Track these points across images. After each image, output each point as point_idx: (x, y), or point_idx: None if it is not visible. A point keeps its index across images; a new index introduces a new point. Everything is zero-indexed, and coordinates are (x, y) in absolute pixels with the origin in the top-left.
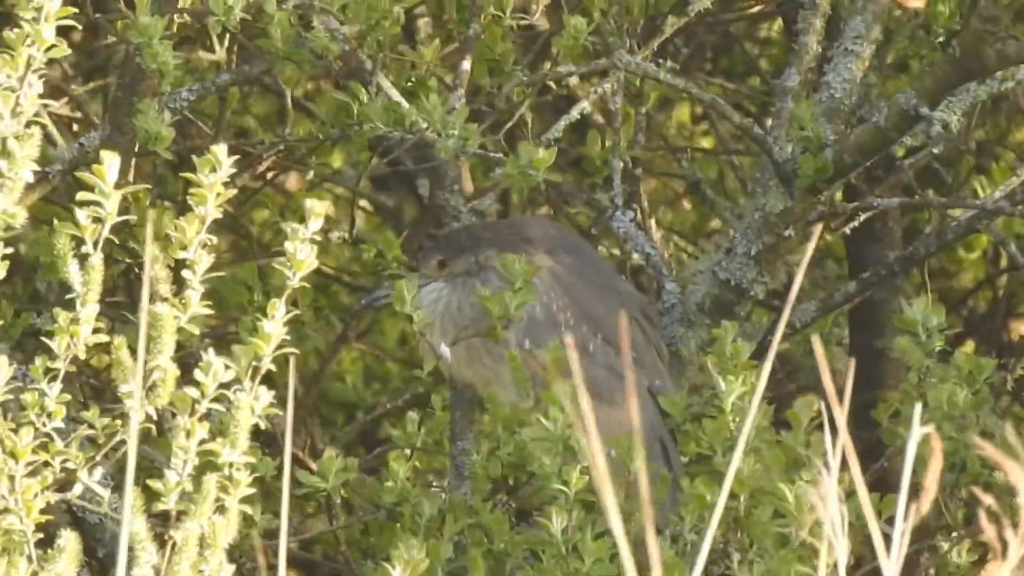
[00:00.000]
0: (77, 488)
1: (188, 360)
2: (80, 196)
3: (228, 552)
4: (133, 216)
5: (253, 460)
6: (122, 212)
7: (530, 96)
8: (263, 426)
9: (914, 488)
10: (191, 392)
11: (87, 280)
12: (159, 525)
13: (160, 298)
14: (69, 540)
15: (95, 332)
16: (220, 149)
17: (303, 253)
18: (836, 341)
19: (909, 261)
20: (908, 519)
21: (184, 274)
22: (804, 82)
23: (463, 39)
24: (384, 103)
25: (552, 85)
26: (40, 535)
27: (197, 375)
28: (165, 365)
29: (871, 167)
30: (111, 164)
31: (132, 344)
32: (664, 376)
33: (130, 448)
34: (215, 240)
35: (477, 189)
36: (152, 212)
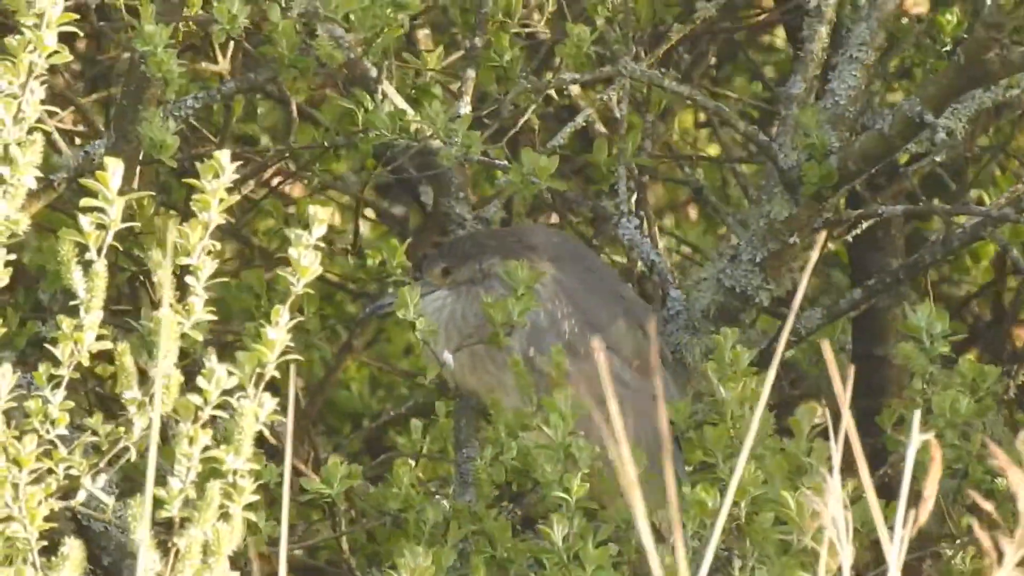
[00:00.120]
0: (81, 495)
1: (193, 369)
2: (83, 202)
3: (232, 559)
4: (137, 223)
5: (257, 467)
6: (127, 219)
7: (534, 103)
8: (267, 433)
9: (916, 495)
10: (194, 399)
11: (91, 287)
12: (163, 532)
13: (164, 304)
14: (73, 548)
15: (99, 339)
16: (223, 155)
17: (307, 259)
18: (840, 348)
19: (914, 268)
20: (908, 526)
21: (188, 280)
22: (809, 89)
23: (469, 46)
24: (389, 110)
25: (554, 95)
26: (44, 543)
27: (200, 382)
28: (169, 371)
29: (874, 174)
30: (115, 171)
31: (136, 351)
32: (668, 383)
33: (151, 454)
34: (219, 246)
35: (480, 198)
36: (158, 219)
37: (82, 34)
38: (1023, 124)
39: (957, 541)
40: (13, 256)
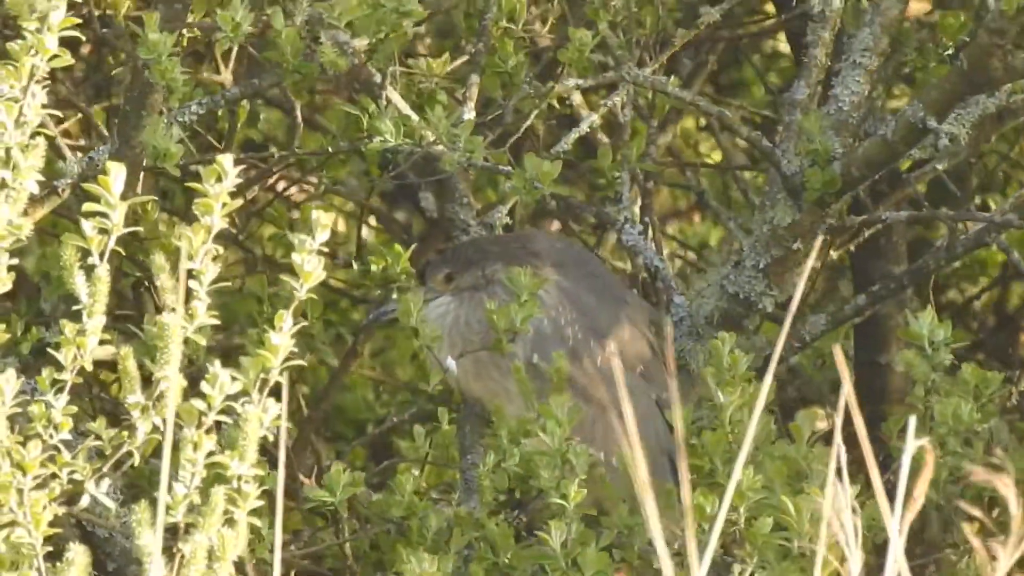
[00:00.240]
0: (84, 500)
1: (196, 375)
2: (86, 207)
3: (236, 565)
4: (141, 228)
5: (262, 472)
6: (130, 224)
7: (538, 108)
8: (271, 439)
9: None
10: (198, 404)
11: (93, 291)
12: (168, 538)
13: (167, 308)
14: (78, 553)
15: (102, 344)
16: (226, 159)
17: (310, 264)
18: (843, 355)
19: (918, 274)
20: (903, 531)
21: (191, 284)
22: (813, 95)
23: (473, 52)
24: (394, 116)
25: (557, 105)
26: (49, 548)
27: (204, 387)
28: (172, 376)
29: (877, 182)
30: (117, 175)
31: (139, 356)
32: (672, 389)
33: (164, 459)
34: (222, 250)
35: (485, 204)
36: (162, 225)
37: (85, 39)
38: None
39: (961, 548)
40: (16, 261)
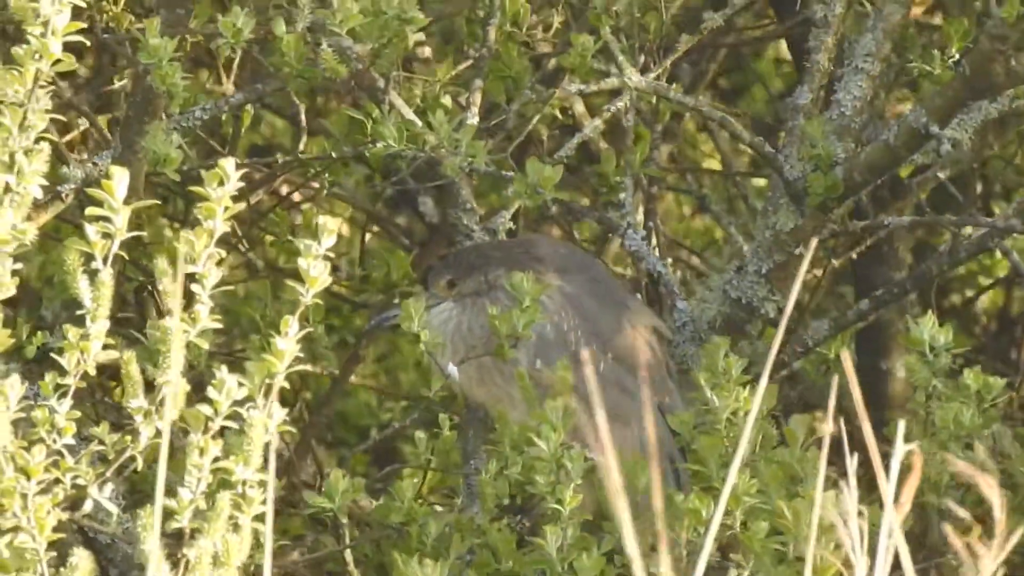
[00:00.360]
0: (88, 505)
1: (198, 379)
2: (89, 212)
3: (241, 570)
4: (144, 233)
5: (266, 478)
6: (133, 229)
7: (539, 113)
8: (276, 444)
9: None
10: (204, 409)
11: (97, 296)
12: (172, 544)
13: (169, 313)
14: (82, 559)
15: (105, 348)
16: (228, 163)
17: (316, 270)
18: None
19: (921, 280)
20: (892, 535)
21: (193, 288)
22: (815, 100)
23: (477, 57)
24: (397, 121)
25: (559, 116)
26: (52, 553)
27: (210, 392)
28: (175, 380)
29: (879, 189)
30: (120, 180)
31: (142, 360)
32: (674, 394)
33: (160, 464)
34: (224, 254)
35: (488, 210)
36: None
37: (88, 44)
38: None
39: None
40: (20, 266)
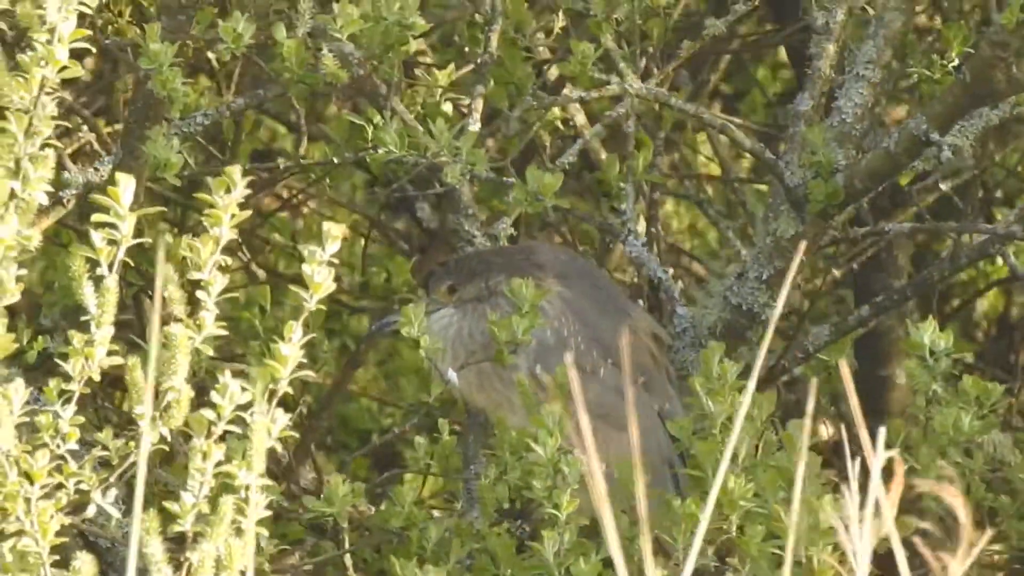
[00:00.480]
0: (91, 510)
1: (199, 385)
2: (95, 218)
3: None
4: (148, 239)
5: (270, 483)
6: (136, 235)
7: (540, 120)
8: (279, 449)
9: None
10: (207, 414)
11: (102, 302)
12: (174, 548)
13: (174, 319)
14: (85, 563)
15: (110, 355)
16: (234, 170)
17: (320, 276)
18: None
19: (922, 286)
20: (865, 540)
21: (199, 295)
22: (816, 107)
23: (479, 63)
24: (399, 128)
25: (560, 127)
26: (55, 557)
27: (214, 397)
28: (179, 386)
29: (879, 198)
30: (126, 187)
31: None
32: (674, 400)
33: (139, 469)
34: (229, 261)
35: (489, 215)
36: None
37: (93, 50)
38: None
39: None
40: (24, 271)
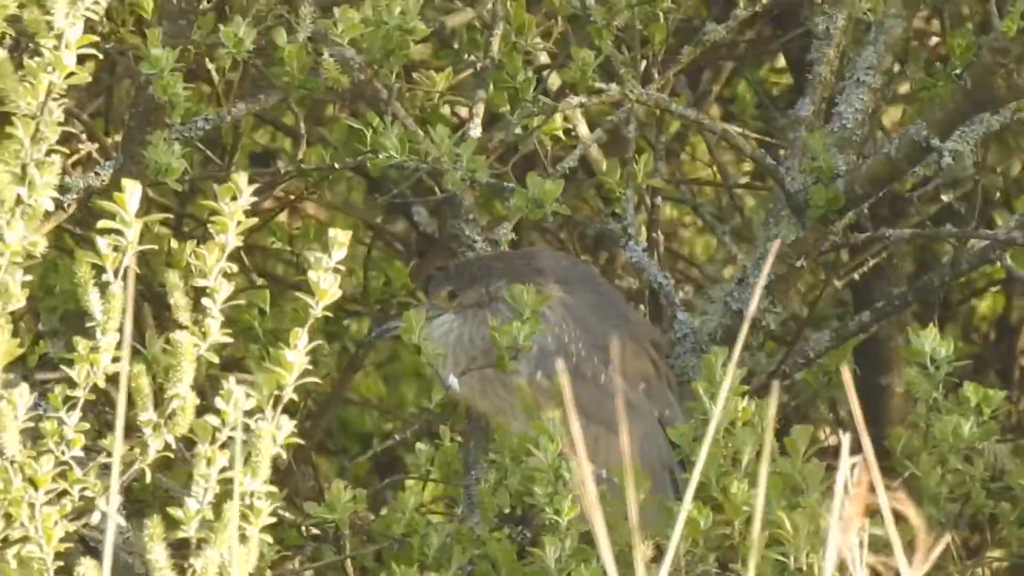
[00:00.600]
0: (96, 517)
1: (199, 390)
2: (101, 224)
3: None
4: (154, 246)
5: (274, 489)
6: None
7: (540, 125)
8: (284, 455)
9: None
10: (212, 420)
11: (107, 309)
12: (178, 554)
13: (179, 326)
14: (88, 568)
15: (114, 361)
16: (240, 177)
17: (326, 282)
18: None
19: (923, 291)
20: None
21: (204, 302)
22: (817, 112)
23: (480, 68)
24: (399, 133)
25: (562, 136)
26: (59, 563)
27: (218, 403)
28: (184, 393)
29: (879, 206)
30: (133, 193)
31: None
32: (674, 407)
33: (113, 475)
34: (235, 268)
35: (489, 220)
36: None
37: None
38: None
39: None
40: (29, 277)
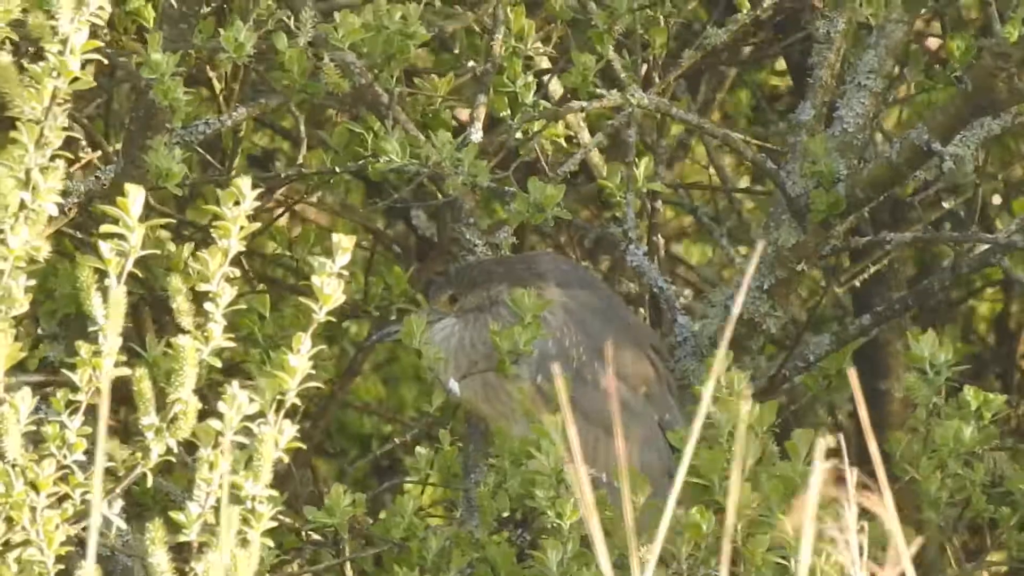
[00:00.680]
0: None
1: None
2: (104, 229)
3: None
4: (157, 251)
5: (276, 493)
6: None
7: (541, 130)
8: (286, 460)
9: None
10: (215, 424)
11: (110, 313)
12: (180, 558)
13: (181, 330)
14: (89, 572)
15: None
16: (244, 182)
17: (330, 287)
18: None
19: (923, 295)
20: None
21: (206, 307)
22: (818, 116)
23: (481, 72)
24: (400, 137)
25: (564, 144)
26: (60, 566)
27: (220, 407)
28: (187, 398)
29: (879, 213)
30: (136, 198)
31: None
32: (674, 410)
33: (97, 476)
34: (237, 273)
35: (490, 225)
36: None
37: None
38: None
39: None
40: (33, 282)
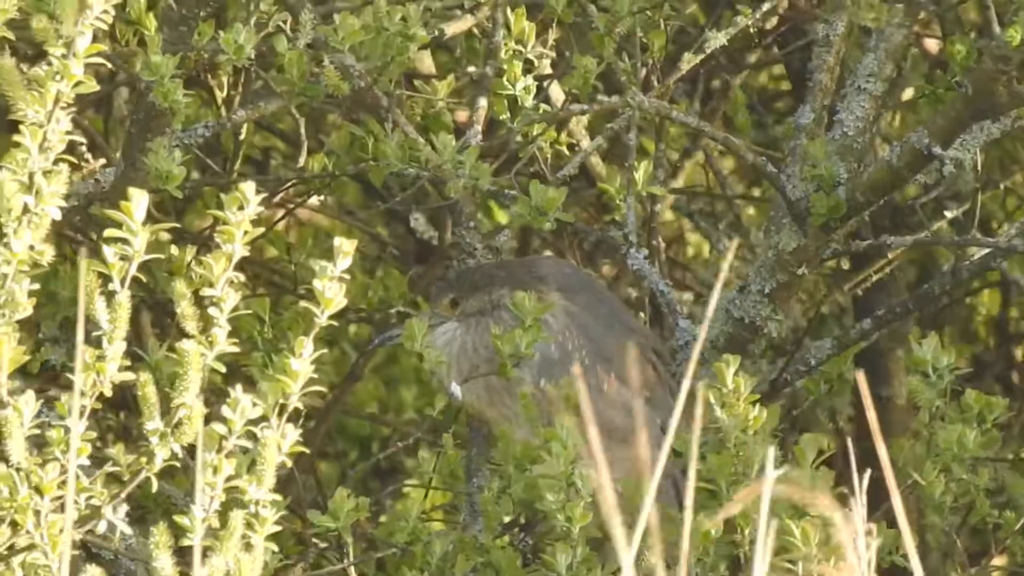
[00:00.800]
0: (102, 525)
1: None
2: (108, 233)
3: None
4: (162, 255)
5: (279, 497)
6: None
7: (541, 133)
8: (289, 464)
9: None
10: (219, 428)
11: (114, 317)
12: (184, 562)
13: (184, 334)
14: (93, 575)
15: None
16: (248, 186)
17: (331, 291)
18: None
19: (924, 299)
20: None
21: (211, 311)
22: (818, 120)
23: (480, 75)
24: (400, 140)
25: (566, 152)
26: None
27: (224, 411)
28: (191, 403)
29: (879, 218)
30: (139, 202)
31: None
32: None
33: (71, 478)
34: (242, 277)
35: (490, 229)
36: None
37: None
38: None
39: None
40: (36, 286)
